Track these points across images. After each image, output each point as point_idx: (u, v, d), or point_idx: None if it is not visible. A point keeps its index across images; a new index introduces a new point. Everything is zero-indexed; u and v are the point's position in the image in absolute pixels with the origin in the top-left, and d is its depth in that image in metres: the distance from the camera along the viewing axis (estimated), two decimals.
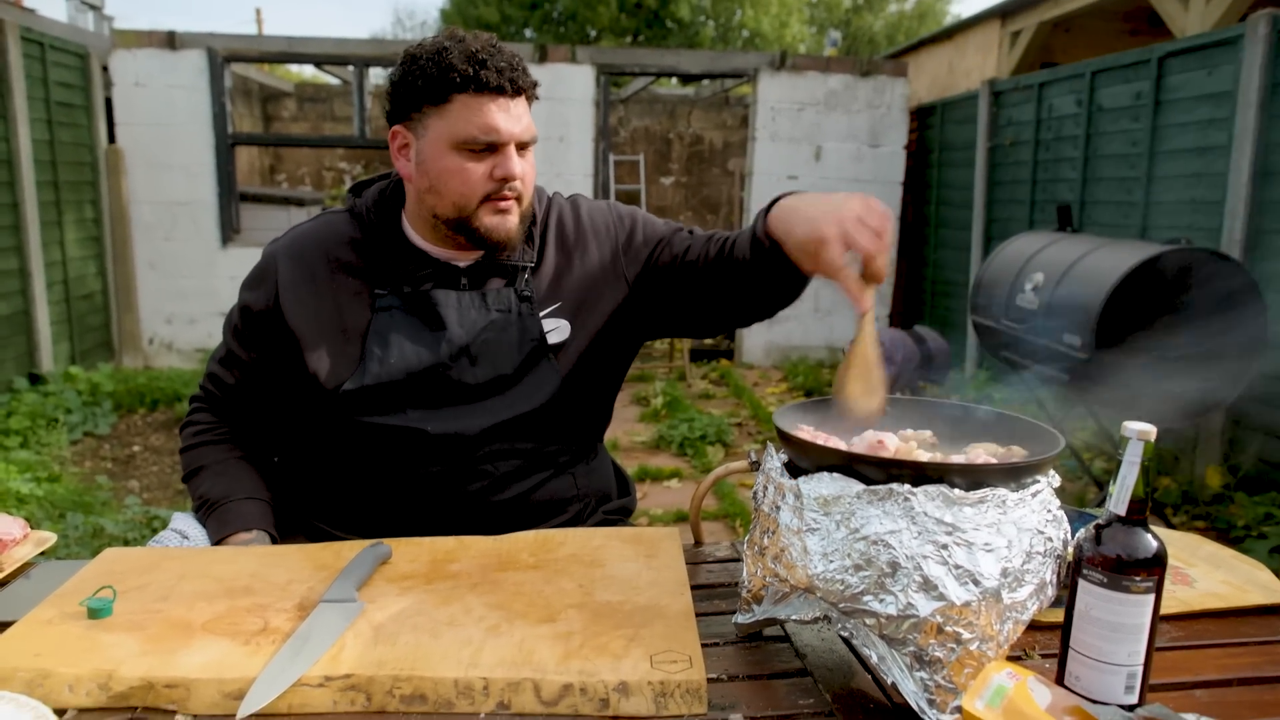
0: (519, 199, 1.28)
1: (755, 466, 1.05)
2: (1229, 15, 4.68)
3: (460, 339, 1.30)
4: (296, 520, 1.40)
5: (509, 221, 1.27)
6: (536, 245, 1.37)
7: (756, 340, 7.08)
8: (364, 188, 1.40)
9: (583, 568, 1.12)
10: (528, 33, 17.51)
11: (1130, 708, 0.83)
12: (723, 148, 10.33)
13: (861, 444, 1.00)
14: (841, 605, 0.86)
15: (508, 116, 1.23)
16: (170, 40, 6.30)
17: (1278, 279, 3.70)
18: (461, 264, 1.33)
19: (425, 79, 1.22)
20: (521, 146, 1.26)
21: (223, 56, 6.36)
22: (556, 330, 1.34)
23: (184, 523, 1.33)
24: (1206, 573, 1.21)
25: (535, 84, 1.27)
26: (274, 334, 1.33)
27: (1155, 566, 0.83)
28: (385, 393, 1.28)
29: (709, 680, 0.91)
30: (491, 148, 1.23)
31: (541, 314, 1.34)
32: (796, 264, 1.12)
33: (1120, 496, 0.85)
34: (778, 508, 0.93)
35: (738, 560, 1.27)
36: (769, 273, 1.21)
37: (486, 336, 1.31)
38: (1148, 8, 5.57)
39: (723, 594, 1.15)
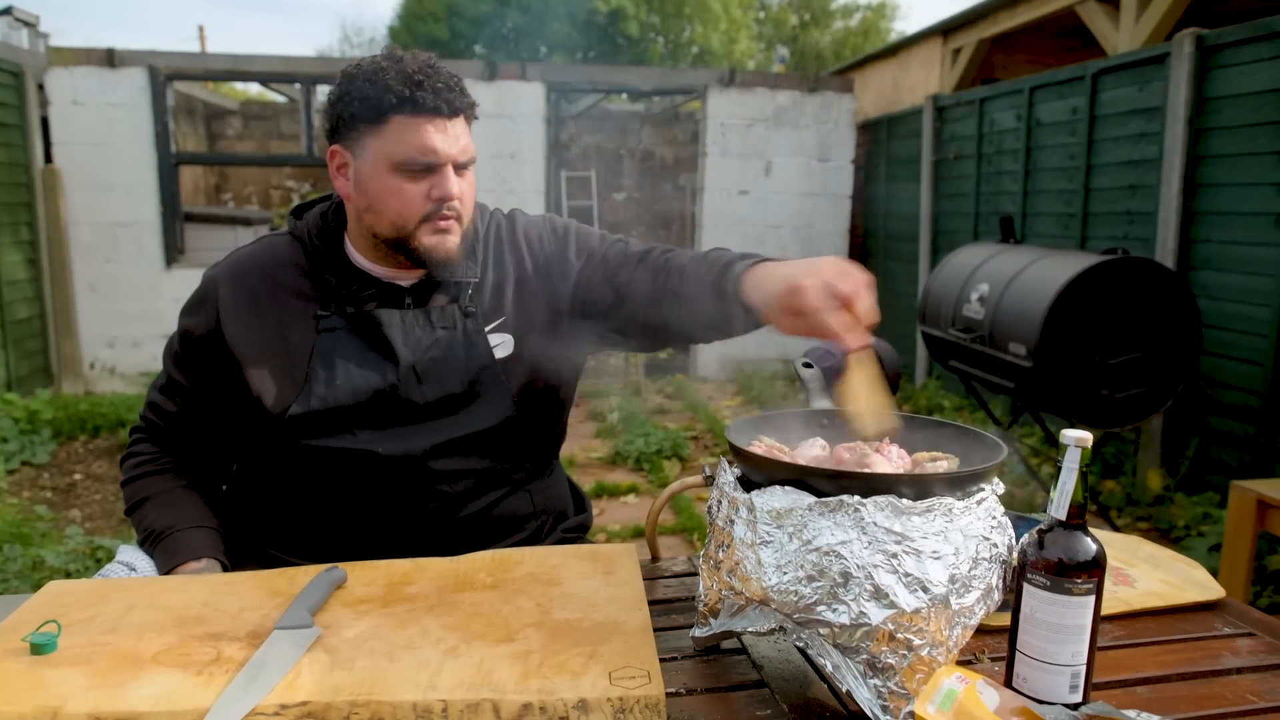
0: (459, 218, 1.27)
1: (710, 481, 1.06)
2: (1157, 33, 4.86)
3: (406, 359, 1.28)
4: (248, 548, 1.37)
5: (449, 241, 1.26)
6: (479, 261, 1.36)
7: (710, 354, 7.12)
8: (305, 210, 1.38)
9: (540, 586, 1.12)
10: (478, 50, 17.49)
11: (1075, 706, 0.86)
12: (674, 163, 10.41)
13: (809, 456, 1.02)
14: (796, 616, 0.88)
15: (445, 138, 1.22)
16: (110, 58, 6.17)
17: (1209, 287, 3.85)
18: (405, 283, 1.32)
19: (362, 99, 1.21)
20: (460, 167, 1.25)
21: (165, 74, 6.24)
22: (502, 345, 1.34)
23: (131, 554, 1.30)
24: (1146, 573, 1.25)
25: (473, 104, 1.27)
26: (216, 359, 1.31)
27: (1095, 569, 0.86)
28: (332, 416, 1.27)
29: (668, 694, 0.92)
30: (429, 168, 1.22)
31: (486, 329, 1.33)
32: (775, 325, 1.10)
33: (1060, 502, 0.88)
34: (732, 521, 0.94)
35: (694, 574, 1.28)
36: (727, 324, 1.21)
37: (433, 355, 1.30)
38: (1082, 25, 5.77)
39: (680, 608, 1.16)
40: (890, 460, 1.01)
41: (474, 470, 1.32)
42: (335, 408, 1.27)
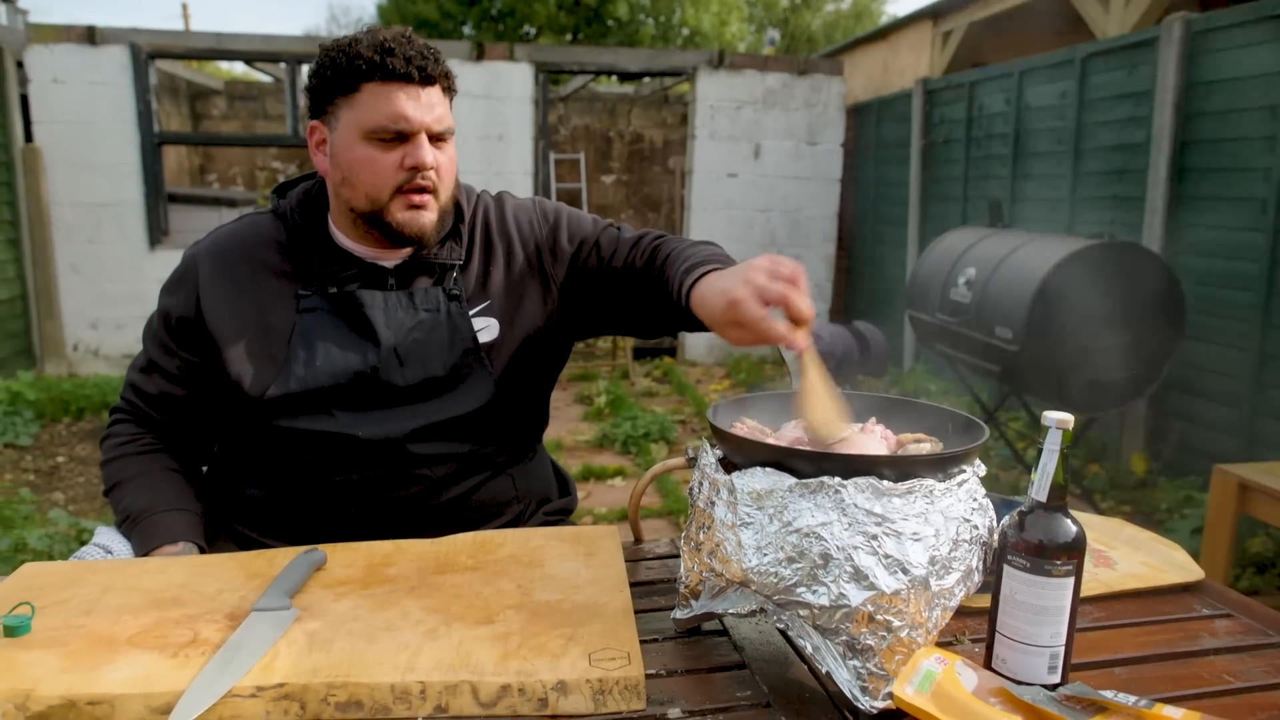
0: (435, 192, 1.25)
1: (692, 463, 1.06)
2: (1146, 17, 4.86)
3: (388, 340, 1.27)
4: (226, 530, 1.36)
5: (423, 217, 1.24)
6: (464, 243, 1.34)
7: (699, 337, 7.12)
8: (288, 188, 1.37)
9: (521, 568, 1.12)
10: (466, 30, 17.33)
11: (1053, 687, 0.86)
12: (663, 145, 10.37)
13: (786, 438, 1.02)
14: (776, 597, 0.88)
15: (417, 105, 1.20)
16: (90, 35, 6.08)
17: (1194, 272, 3.86)
18: (388, 264, 1.31)
19: (335, 69, 1.20)
20: (436, 138, 1.24)
21: (147, 53, 6.16)
22: (486, 329, 1.32)
23: (107, 537, 1.29)
24: (1127, 555, 1.25)
25: (448, 74, 1.25)
26: (196, 339, 1.29)
27: (1075, 550, 0.86)
28: (311, 397, 1.26)
29: (648, 676, 0.92)
30: (402, 137, 1.21)
31: (471, 313, 1.32)
32: (724, 339, 1.07)
33: (1041, 484, 0.88)
34: (713, 503, 0.94)
35: (676, 556, 1.28)
36: (692, 327, 1.21)
37: (415, 337, 1.28)
38: (1071, 9, 5.75)
39: (662, 590, 1.16)
40: (875, 439, 1.00)
41: (455, 454, 1.31)
42: (315, 389, 1.25)
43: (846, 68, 7.51)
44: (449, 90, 1.26)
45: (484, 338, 1.32)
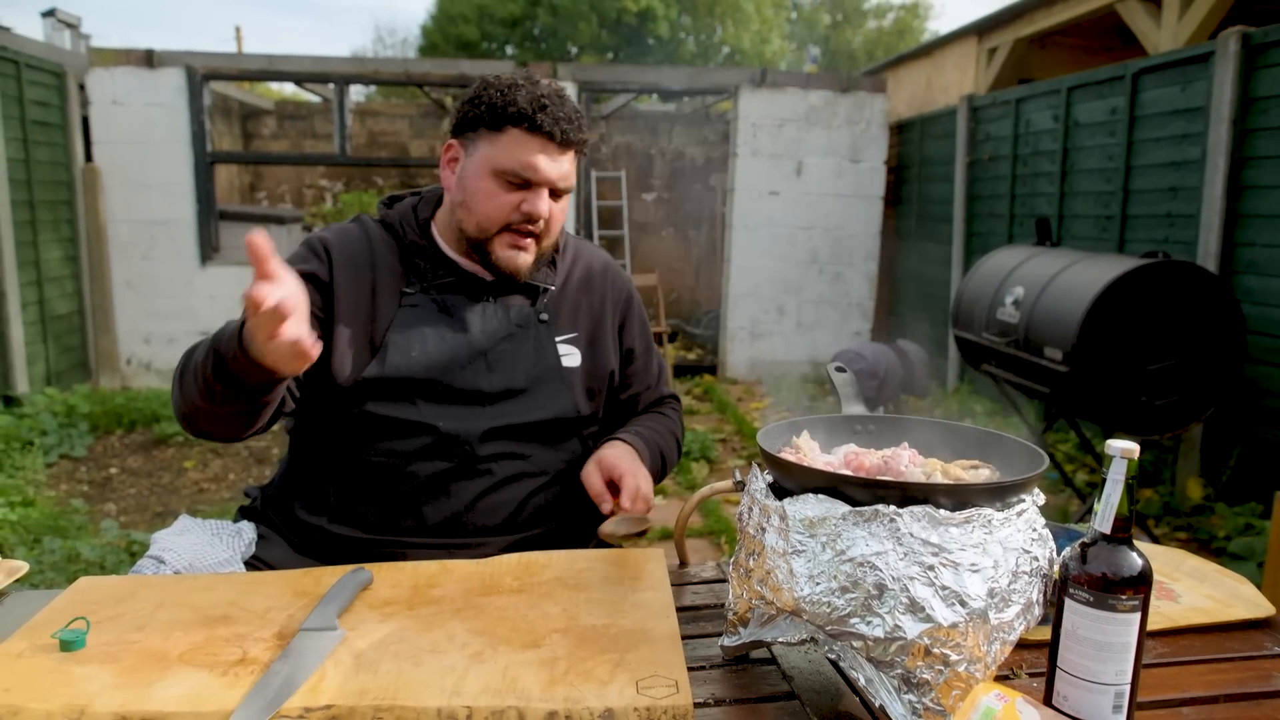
0: (539, 239, 1.35)
1: (740, 487, 1.04)
2: (1200, 32, 4.76)
3: (480, 344, 1.35)
4: (291, 520, 1.39)
5: (521, 258, 1.34)
6: (561, 273, 1.44)
7: (740, 355, 7.09)
8: (395, 201, 1.46)
9: (567, 591, 1.11)
10: (508, 50, 17.56)
11: None
12: (704, 163, 10.36)
13: (840, 460, 1.00)
14: (828, 628, 0.86)
15: (550, 162, 1.31)
16: (148, 59, 6.26)
17: (1252, 291, 3.75)
18: (487, 277, 1.39)
19: (489, 105, 1.30)
20: (556, 193, 1.33)
21: (201, 74, 6.33)
22: (570, 355, 1.41)
23: (161, 546, 1.31)
24: (1191, 587, 1.21)
25: (586, 141, 1.35)
26: (323, 303, 1.33)
27: (1141, 585, 0.83)
28: (402, 385, 1.32)
29: (695, 705, 0.90)
30: (526, 184, 1.30)
31: (558, 338, 1.41)
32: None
33: (1105, 515, 0.85)
34: (763, 529, 0.92)
35: (723, 581, 1.26)
36: None
37: (505, 346, 1.36)
38: (1122, 24, 5.66)
39: (709, 616, 1.14)
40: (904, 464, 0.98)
41: (523, 456, 1.36)
42: (407, 378, 1.31)
43: (890, 85, 7.46)
44: (581, 154, 1.36)
45: (567, 363, 1.41)
